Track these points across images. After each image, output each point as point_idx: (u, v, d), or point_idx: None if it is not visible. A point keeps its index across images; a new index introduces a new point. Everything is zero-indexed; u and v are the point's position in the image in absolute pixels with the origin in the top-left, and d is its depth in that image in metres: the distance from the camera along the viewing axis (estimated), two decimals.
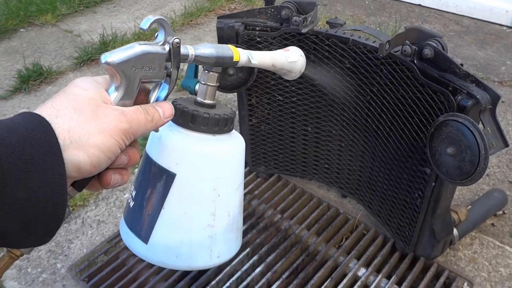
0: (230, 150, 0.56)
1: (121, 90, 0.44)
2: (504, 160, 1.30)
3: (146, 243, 0.54)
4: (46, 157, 0.35)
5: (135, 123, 0.43)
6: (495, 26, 2.06)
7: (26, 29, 2.25)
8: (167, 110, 0.47)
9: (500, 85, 1.64)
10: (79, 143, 0.38)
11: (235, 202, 0.58)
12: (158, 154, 0.53)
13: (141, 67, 0.44)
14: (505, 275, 0.98)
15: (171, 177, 0.52)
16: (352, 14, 2.21)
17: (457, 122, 0.69)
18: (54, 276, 1.01)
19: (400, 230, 0.99)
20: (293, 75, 0.67)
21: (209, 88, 0.55)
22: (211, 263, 0.57)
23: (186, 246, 0.54)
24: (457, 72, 0.73)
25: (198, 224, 0.55)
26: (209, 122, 0.53)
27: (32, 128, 0.36)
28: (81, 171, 0.39)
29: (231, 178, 0.56)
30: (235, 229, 0.59)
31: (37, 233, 0.37)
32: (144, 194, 0.54)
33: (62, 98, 0.40)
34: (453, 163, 0.71)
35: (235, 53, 0.55)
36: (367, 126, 0.97)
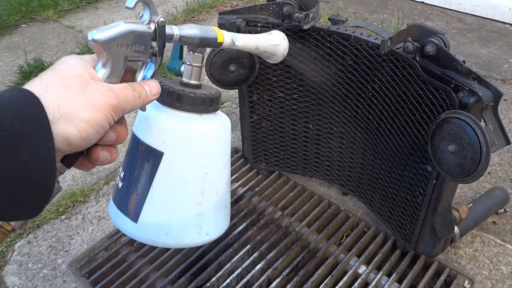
0: (217, 129, 0.56)
1: (108, 67, 0.45)
2: (506, 158, 1.29)
3: (136, 222, 0.54)
4: (35, 131, 0.36)
5: (123, 99, 0.43)
6: (498, 24, 2.05)
7: (27, 24, 2.24)
8: (153, 88, 0.48)
9: (502, 83, 1.63)
10: (68, 117, 0.39)
11: (222, 180, 0.59)
12: (145, 134, 0.54)
13: (127, 45, 0.45)
14: (506, 273, 0.98)
15: (158, 156, 0.53)
16: (355, 11, 2.20)
17: (458, 120, 0.68)
18: (55, 271, 1.01)
19: (401, 227, 0.99)
20: (276, 58, 0.69)
21: (194, 68, 0.56)
22: (201, 240, 0.58)
23: (175, 223, 0.55)
24: (459, 69, 0.73)
25: (187, 201, 0.55)
26: (195, 101, 0.54)
27: (22, 103, 0.36)
28: (71, 145, 0.39)
29: (218, 157, 0.57)
30: (223, 207, 0.60)
31: (27, 206, 0.37)
32: (133, 174, 0.55)
33: (51, 74, 0.41)
34: (455, 161, 0.70)
35: (219, 35, 0.56)
36: (369, 123, 0.97)
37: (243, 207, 1.14)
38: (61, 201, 1.18)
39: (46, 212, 1.16)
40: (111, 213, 0.58)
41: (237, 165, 1.27)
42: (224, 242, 1.03)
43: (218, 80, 0.95)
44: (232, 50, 0.92)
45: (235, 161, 1.29)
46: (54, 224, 1.13)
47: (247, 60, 0.95)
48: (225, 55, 0.92)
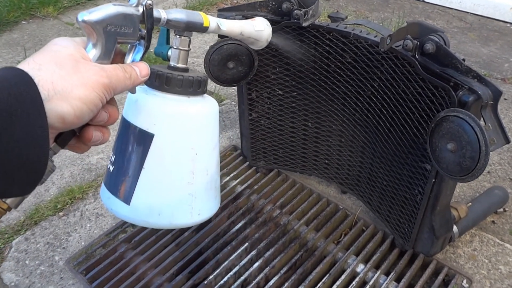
0: (205, 110, 0.58)
1: (98, 48, 0.46)
2: (505, 158, 1.29)
3: (128, 204, 0.56)
4: (29, 110, 0.36)
5: (114, 79, 0.44)
6: (499, 23, 2.05)
7: (27, 21, 2.24)
8: (143, 69, 0.49)
9: (503, 82, 1.63)
10: (62, 94, 0.39)
11: (212, 161, 0.60)
12: (135, 116, 0.55)
13: (117, 26, 0.46)
14: (504, 273, 0.97)
15: (149, 137, 0.54)
16: (355, 9, 2.20)
17: (457, 118, 0.68)
18: (52, 268, 1.01)
19: (400, 226, 0.98)
20: (260, 44, 0.70)
21: (182, 52, 0.57)
22: (192, 220, 0.59)
23: (167, 204, 0.56)
24: (459, 67, 0.73)
25: (179, 182, 0.57)
26: (184, 83, 0.55)
27: (15, 82, 0.36)
28: (65, 122, 0.40)
29: (207, 138, 0.58)
30: (214, 188, 0.61)
31: (19, 183, 0.38)
32: (124, 157, 0.56)
33: (43, 54, 0.42)
34: (454, 159, 0.70)
35: (205, 19, 0.57)
36: (368, 121, 0.96)
37: (241, 205, 1.14)
38: (59, 198, 1.18)
39: (43, 208, 1.15)
40: (102, 197, 0.59)
41: (236, 163, 1.27)
42: (222, 240, 1.03)
43: (216, 77, 0.95)
44: (231, 47, 0.92)
45: (234, 159, 1.29)
46: (52, 221, 1.13)
47: (246, 58, 0.95)
48: (224, 52, 0.92)
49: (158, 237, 1.05)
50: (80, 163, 1.31)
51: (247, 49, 0.94)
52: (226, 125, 1.44)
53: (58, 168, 1.29)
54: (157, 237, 1.05)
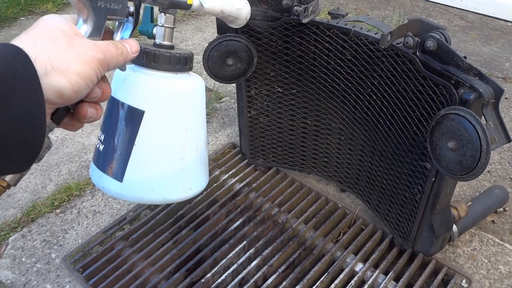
0: (193, 87, 0.59)
1: (89, 24, 0.47)
2: (506, 157, 1.28)
3: (121, 181, 0.56)
4: (25, 87, 0.36)
5: (108, 55, 0.45)
6: (500, 21, 2.04)
7: (26, 17, 2.23)
8: (133, 46, 0.50)
9: (504, 81, 1.62)
10: (59, 69, 0.40)
11: (201, 137, 0.61)
12: (124, 94, 0.56)
13: (106, 2, 0.47)
14: (504, 273, 0.97)
15: (139, 114, 0.55)
16: (356, 7, 2.19)
17: (458, 116, 0.67)
18: (49, 266, 1.00)
19: (399, 225, 0.98)
20: (239, 22, 0.72)
21: (167, 29, 0.58)
22: (184, 195, 0.60)
23: (160, 179, 0.57)
24: (460, 65, 0.72)
25: (170, 157, 0.58)
26: (171, 60, 0.56)
27: (12, 59, 0.36)
28: (63, 97, 0.40)
29: (195, 113, 0.59)
30: (203, 163, 0.62)
31: (16, 160, 0.38)
32: (114, 135, 0.56)
33: (37, 30, 0.42)
34: (454, 158, 0.69)
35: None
36: (367, 119, 0.95)
37: (239, 203, 1.13)
38: (56, 195, 1.17)
39: (40, 205, 1.15)
40: (92, 176, 0.59)
41: (234, 161, 1.26)
42: (220, 238, 1.02)
43: (215, 74, 0.94)
44: (230, 44, 0.91)
45: (233, 157, 1.28)
46: (48, 218, 1.12)
47: (245, 54, 0.94)
48: (223, 48, 0.91)
49: (156, 235, 1.04)
50: (78, 160, 1.30)
51: (246, 46, 0.93)
52: (225, 123, 1.43)
53: (55, 165, 1.28)
54: (154, 234, 1.04)
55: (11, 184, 0.47)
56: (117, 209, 1.14)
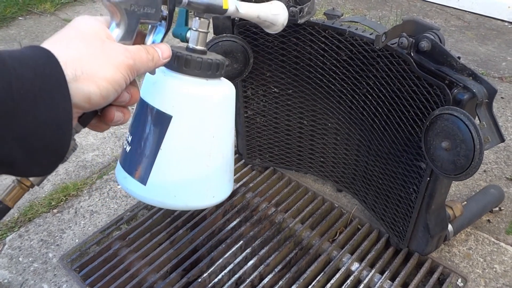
0: (223, 93, 0.58)
1: (121, 28, 0.46)
2: (502, 157, 1.29)
3: (144, 185, 0.56)
4: (54, 92, 0.36)
5: (138, 60, 0.45)
6: (497, 21, 2.04)
7: (24, 17, 2.23)
8: (165, 51, 0.49)
9: (500, 80, 1.62)
10: (89, 74, 0.39)
11: (227, 144, 0.60)
12: (154, 98, 0.55)
13: (140, 6, 0.47)
14: (499, 272, 0.97)
15: (167, 119, 0.54)
16: (353, 7, 2.19)
17: (452, 116, 0.67)
18: (46, 265, 1.00)
19: (395, 225, 0.98)
20: (276, 28, 0.70)
21: (201, 34, 0.57)
22: (207, 202, 0.60)
23: (183, 185, 0.57)
24: (454, 65, 0.72)
25: (195, 164, 0.57)
26: (202, 66, 0.55)
27: (42, 63, 0.37)
28: (91, 102, 0.40)
29: (224, 121, 0.58)
30: (228, 171, 0.61)
31: (41, 164, 0.38)
32: (141, 138, 0.56)
33: (69, 33, 0.41)
34: (448, 158, 0.70)
35: (225, 1, 0.57)
36: (363, 119, 0.96)
37: (236, 202, 1.14)
38: (53, 195, 1.18)
39: (38, 205, 1.15)
40: (118, 177, 0.59)
41: None
42: (216, 238, 1.03)
43: None
44: (226, 44, 0.91)
45: None
46: (46, 218, 1.12)
47: (241, 55, 0.94)
48: (219, 49, 0.91)
49: (153, 235, 1.04)
50: (75, 160, 1.30)
51: (243, 46, 0.93)
52: None
53: None
54: (151, 234, 1.04)
55: (34, 184, 0.48)
56: (114, 209, 1.14)
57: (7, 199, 0.49)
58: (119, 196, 1.18)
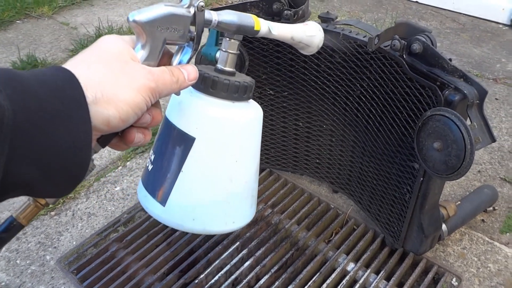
0: (249, 117, 0.56)
1: (146, 49, 0.45)
2: (496, 157, 1.30)
3: (163, 206, 0.55)
4: (74, 114, 0.36)
5: (161, 83, 0.44)
6: (492, 23, 2.06)
7: (22, 20, 2.24)
8: (191, 73, 0.48)
9: (494, 82, 1.64)
10: (109, 97, 0.39)
11: (251, 169, 0.58)
12: (178, 118, 0.54)
13: (166, 28, 0.45)
14: (493, 271, 0.98)
15: (190, 141, 0.53)
16: (349, 10, 2.21)
17: (443, 117, 0.69)
18: (43, 268, 1.01)
19: (389, 225, 0.99)
20: (311, 50, 0.67)
21: (230, 55, 0.56)
22: (226, 228, 0.58)
23: (202, 209, 0.56)
24: (445, 67, 0.73)
25: (215, 188, 0.56)
26: (229, 88, 0.54)
27: (62, 84, 0.36)
28: (110, 125, 0.40)
29: (248, 145, 0.57)
30: (250, 196, 0.60)
31: (59, 185, 0.38)
32: (163, 158, 0.55)
33: (93, 53, 0.41)
34: (440, 158, 0.71)
35: (256, 22, 0.55)
36: (357, 120, 0.97)
37: None
38: None
39: None
40: (139, 195, 0.59)
41: None
42: (213, 239, 1.03)
43: None
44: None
45: None
46: (43, 220, 1.13)
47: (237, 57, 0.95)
48: None
49: (150, 236, 1.05)
50: None
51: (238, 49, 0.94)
52: None
53: None
54: (148, 236, 1.05)
55: (49, 203, 0.47)
56: (112, 211, 1.15)
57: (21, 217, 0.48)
58: (116, 198, 1.19)
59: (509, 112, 1.47)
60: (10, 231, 0.53)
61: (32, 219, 0.48)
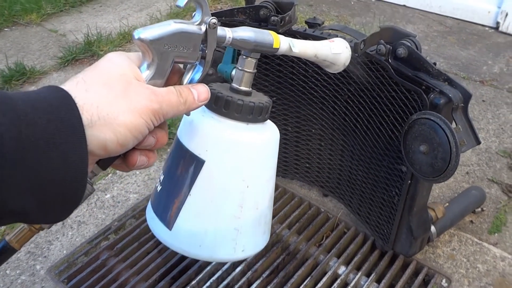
0: (263, 140, 0.54)
1: (152, 68, 0.43)
2: (483, 159, 1.31)
3: (170, 229, 0.53)
4: (69, 138, 0.35)
5: (166, 104, 0.41)
6: (478, 26, 2.09)
7: (10, 28, 2.23)
8: (202, 93, 0.45)
9: (481, 84, 1.66)
10: (107, 120, 0.37)
11: (264, 194, 0.56)
12: (188, 139, 0.52)
13: (175, 46, 0.43)
14: (482, 271, 0.99)
15: (200, 163, 0.51)
16: (338, 14, 2.22)
17: (429, 120, 0.69)
18: (33, 277, 1.00)
19: (379, 228, 1.00)
20: (336, 68, 0.64)
21: (246, 74, 0.53)
22: (235, 256, 0.56)
23: (210, 236, 0.53)
24: (430, 71, 0.74)
25: (224, 214, 0.53)
26: (243, 109, 0.51)
27: (57, 105, 0.35)
28: (107, 149, 0.38)
29: (262, 170, 0.55)
30: (263, 223, 0.57)
31: (55, 212, 0.37)
32: (172, 179, 0.53)
33: (94, 73, 0.40)
34: (426, 161, 0.72)
35: (276, 39, 0.53)
36: (345, 125, 0.98)
37: None
38: None
39: None
40: (147, 216, 0.57)
41: None
42: None
43: None
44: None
45: None
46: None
47: None
48: None
49: (141, 244, 1.05)
50: None
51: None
52: None
53: None
54: (139, 243, 1.05)
55: (44, 227, 0.45)
56: (102, 219, 1.15)
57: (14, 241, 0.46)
58: (107, 206, 1.18)
59: (496, 114, 1.49)
60: (3, 256, 0.52)
61: (25, 243, 0.47)
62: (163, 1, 2.42)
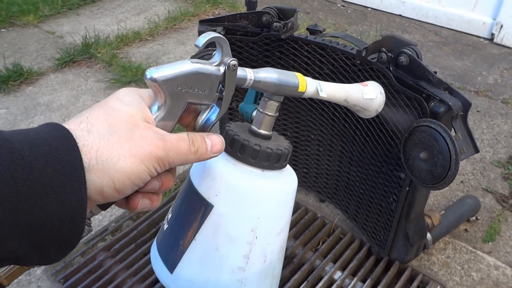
0: (277, 189, 0.50)
1: (164, 109, 0.40)
2: (478, 168, 1.33)
3: (171, 272, 0.50)
4: (67, 179, 0.33)
5: (173, 152, 0.39)
6: (473, 37, 2.12)
7: (7, 29, 2.22)
8: (216, 144, 0.43)
9: (476, 94, 1.68)
10: (105, 165, 0.35)
11: (274, 247, 0.53)
12: (199, 180, 0.49)
13: (190, 87, 0.40)
14: (476, 279, 1.00)
15: (208, 208, 0.48)
16: (334, 22, 2.25)
17: (429, 128, 0.71)
18: (29, 277, 1.00)
19: (376, 234, 1.01)
20: (368, 114, 0.60)
21: (266, 117, 0.50)
22: None
23: (211, 285, 0.50)
24: (431, 80, 0.76)
25: (229, 264, 0.50)
26: (259, 155, 0.48)
27: (56, 145, 0.33)
28: (104, 195, 0.36)
29: (273, 220, 0.51)
30: (270, 276, 0.54)
31: (50, 255, 0.35)
32: (179, 220, 0.51)
33: (100, 111, 0.38)
34: (426, 168, 0.73)
35: (302, 82, 0.50)
36: (345, 131, 0.99)
37: None
38: None
39: None
40: (151, 254, 0.55)
41: None
42: None
43: None
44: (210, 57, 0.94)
45: None
46: None
47: None
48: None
49: (138, 245, 1.05)
50: None
51: None
52: None
53: None
54: (136, 245, 1.05)
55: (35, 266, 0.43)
56: (99, 219, 1.14)
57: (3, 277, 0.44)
58: None
59: (490, 124, 1.51)
60: None
61: (15, 279, 0.44)
62: (160, 5, 2.43)
